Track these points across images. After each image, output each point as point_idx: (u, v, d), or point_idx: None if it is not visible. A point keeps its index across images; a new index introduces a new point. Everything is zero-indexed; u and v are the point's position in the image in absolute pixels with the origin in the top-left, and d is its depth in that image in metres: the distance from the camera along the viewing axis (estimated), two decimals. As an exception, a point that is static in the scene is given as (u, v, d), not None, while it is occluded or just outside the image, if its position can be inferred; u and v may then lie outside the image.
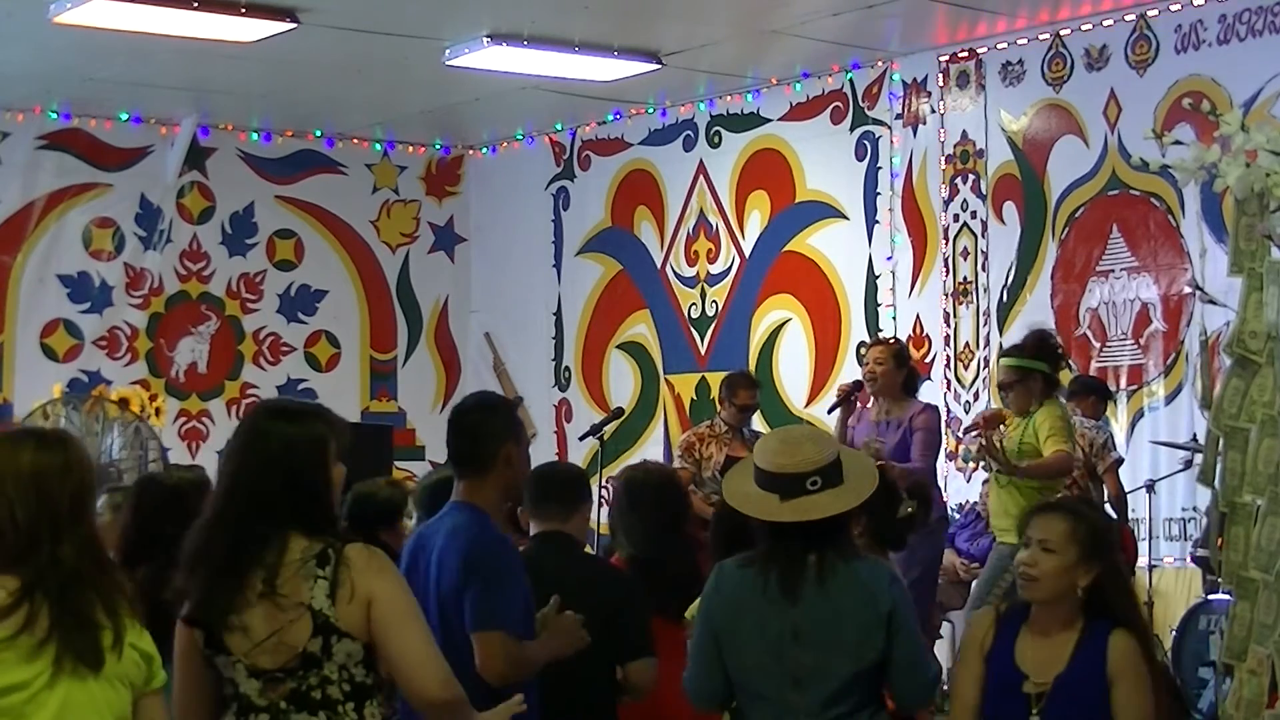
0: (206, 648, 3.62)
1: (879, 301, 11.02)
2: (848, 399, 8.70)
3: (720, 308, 12.01)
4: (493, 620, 4.39)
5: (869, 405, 8.69)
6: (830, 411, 8.99)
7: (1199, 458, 5.68)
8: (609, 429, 9.96)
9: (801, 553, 4.15)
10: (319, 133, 13.18)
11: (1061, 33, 10.05)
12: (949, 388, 10.53)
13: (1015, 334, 10.18)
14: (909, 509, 5.26)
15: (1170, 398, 9.47)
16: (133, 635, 3.34)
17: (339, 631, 3.54)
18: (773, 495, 4.18)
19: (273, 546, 3.58)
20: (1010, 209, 10.37)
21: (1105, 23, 9.85)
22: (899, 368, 8.57)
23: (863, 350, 10.63)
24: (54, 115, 12.23)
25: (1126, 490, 8.85)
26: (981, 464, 8.34)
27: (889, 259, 10.98)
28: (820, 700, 4.11)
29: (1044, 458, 7.65)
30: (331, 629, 3.54)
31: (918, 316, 10.80)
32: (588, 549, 6.40)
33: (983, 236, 10.50)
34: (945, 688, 5.17)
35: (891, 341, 8.99)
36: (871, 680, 4.17)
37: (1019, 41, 10.27)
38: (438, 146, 13.68)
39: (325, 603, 3.53)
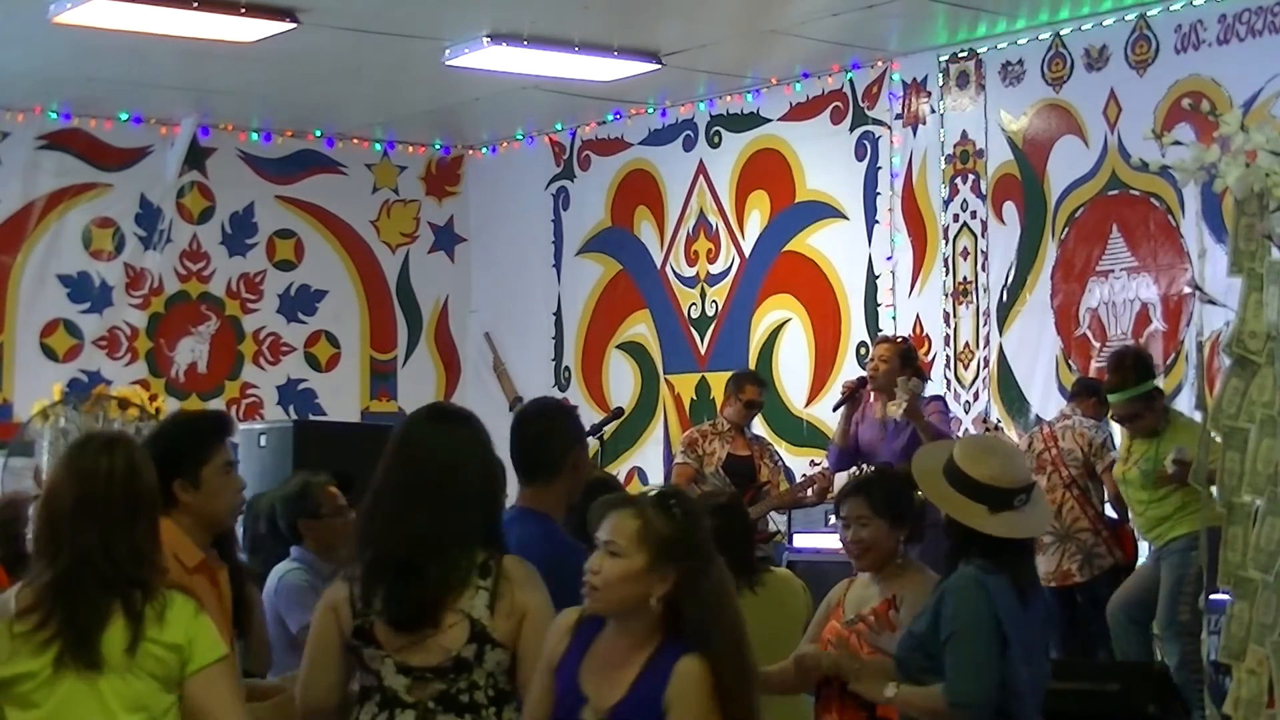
0: (355, 638, 3.70)
1: (879, 301, 11.02)
2: (853, 396, 8.69)
3: (720, 308, 12.00)
4: None
5: (875, 402, 8.69)
6: (836, 409, 8.98)
7: (1198, 458, 5.70)
8: (609, 429, 9.97)
9: (1011, 561, 4.34)
10: (319, 133, 13.18)
11: (1061, 33, 10.04)
12: (949, 388, 10.52)
13: (1015, 334, 10.21)
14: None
15: (1170, 398, 9.46)
16: (155, 630, 3.47)
17: (494, 641, 3.65)
18: (980, 505, 4.33)
19: (442, 555, 3.67)
20: (1010, 209, 10.37)
21: (1105, 23, 9.85)
22: (903, 367, 8.55)
23: (863, 350, 10.66)
24: (54, 115, 12.23)
25: (1126, 490, 8.87)
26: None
27: (889, 259, 10.98)
28: (1040, 700, 4.42)
29: None
30: (487, 638, 3.65)
31: (918, 316, 10.80)
32: None
33: (983, 236, 10.50)
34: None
35: (898, 340, 8.99)
36: None
37: (1019, 41, 10.27)
38: (438, 146, 13.68)
39: (485, 613, 3.65)
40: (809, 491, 9.33)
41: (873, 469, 7.07)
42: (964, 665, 4.28)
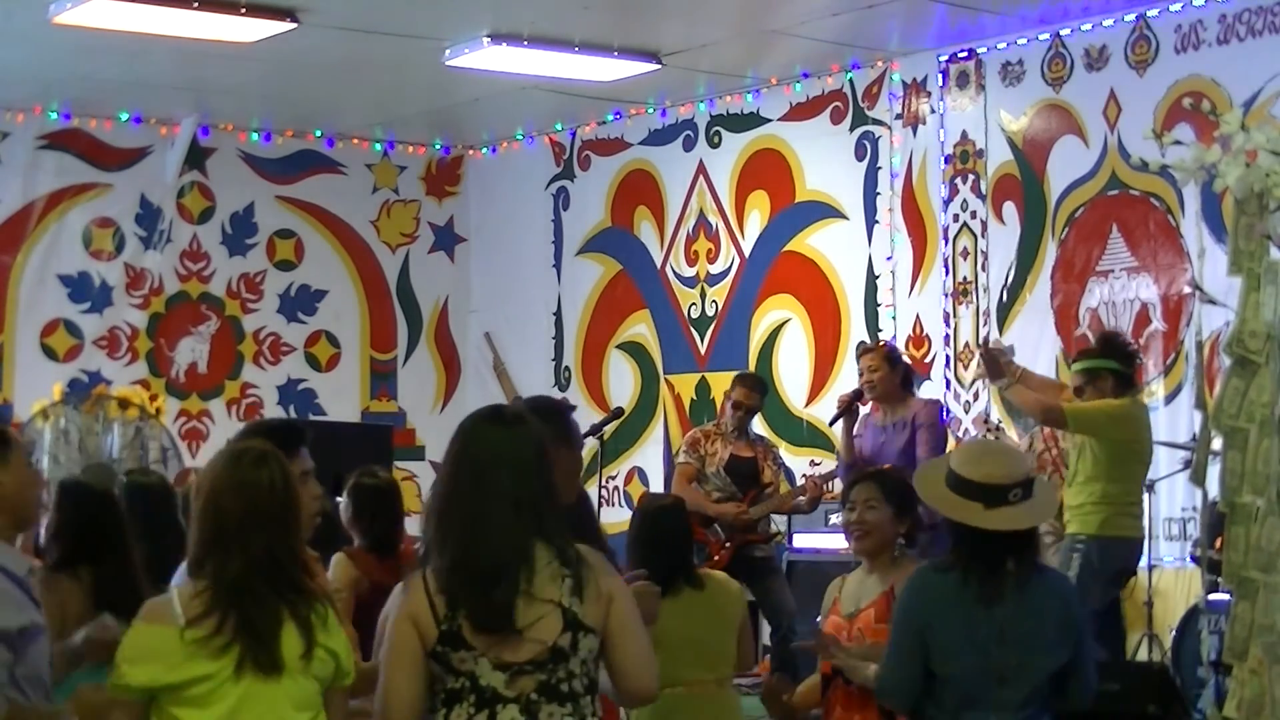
0: (441, 644, 3.66)
1: (879, 301, 11.02)
2: (849, 409, 8.74)
3: (720, 308, 12.01)
4: None
5: (876, 411, 8.74)
6: (832, 423, 9.04)
7: (1199, 458, 5.69)
8: (609, 429, 9.95)
9: (1000, 558, 4.45)
10: (319, 133, 13.18)
11: (1061, 33, 10.05)
12: (949, 388, 10.53)
13: (1015, 334, 10.21)
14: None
15: (1170, 398, 9.47)
16: (323, 636, 3.71)
17: (585, 627, 3.69)
18: (975, 503, 4.47)
19: (526, 550, 3.71)
20: (1010, 209, 10.37)
21: (1105, 23, 9.85)
22: (893, 369, 8.66)
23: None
24: (54, 115, 12.24)
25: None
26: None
27: (889, 259, 10.98)
28: (1021, 697, 4.46)
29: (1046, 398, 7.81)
30: (579, 625, 3.69)
31: (918, 316, 10.80)
32: None
33: (982, 236, 10.51)
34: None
35: (880, 345, 9.06)
36: (1053, 680, 4.53)
37: (1019, 41, 10.27)
38: (438, 146, 13.69)
39: (573, 600, 3.69)
40: (801, 499, 9.45)
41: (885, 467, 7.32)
42: (887, 653, 4.61)
